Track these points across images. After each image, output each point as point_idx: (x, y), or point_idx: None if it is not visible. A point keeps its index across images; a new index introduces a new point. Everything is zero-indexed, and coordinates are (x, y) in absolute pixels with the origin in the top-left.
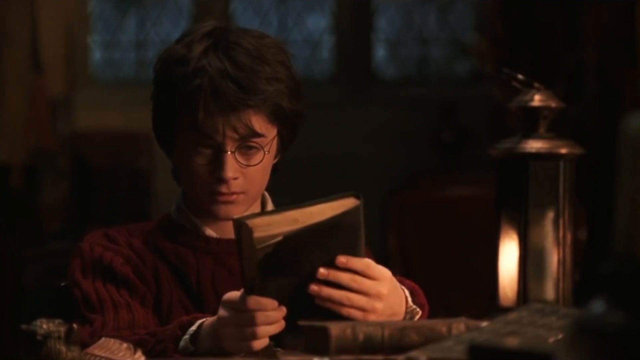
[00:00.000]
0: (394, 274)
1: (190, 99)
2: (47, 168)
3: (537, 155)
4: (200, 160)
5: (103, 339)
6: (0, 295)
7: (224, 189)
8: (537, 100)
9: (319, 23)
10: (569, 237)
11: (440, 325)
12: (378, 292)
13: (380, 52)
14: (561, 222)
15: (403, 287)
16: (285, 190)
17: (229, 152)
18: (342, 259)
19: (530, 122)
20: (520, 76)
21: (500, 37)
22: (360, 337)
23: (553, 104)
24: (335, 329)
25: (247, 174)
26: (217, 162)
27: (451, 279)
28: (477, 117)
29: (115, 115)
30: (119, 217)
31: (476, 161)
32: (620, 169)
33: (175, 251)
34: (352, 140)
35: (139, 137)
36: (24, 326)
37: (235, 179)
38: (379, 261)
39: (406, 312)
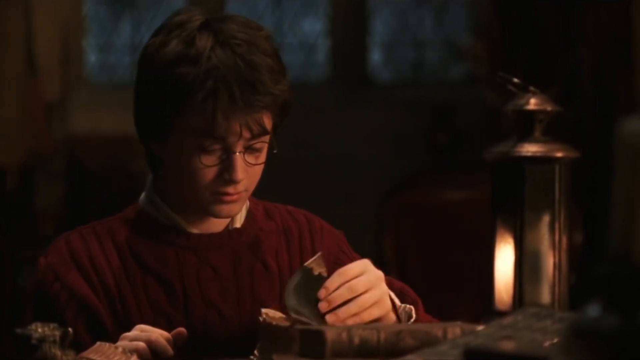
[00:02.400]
0: (388, 274)
1: (204, 103)
2: (42, 170)
3: (533, 159)
4: (208, 162)
5: (98, 343)
6: (0, 295)
7: (231, 189)
8: (532, 103)
9: (314, 26)
10: (564, 240)
11: (435, 329)
12: (372, 282)
13: (375, 55)
14: (557, 225)
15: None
16: (281, 192)
17: (238, 153)
18: (322, 294)
19: (525, 125)
20: (515, 80)
21: (496, 39)
22: (356, 340)
23: (549, 108)
24: (330, 333)
25: (250, 172)
26: (226, 164)
27: (446, 281)
28: (472, 120)
29: (110, 118)
30: None
31: (471, 164)
32: (616, 172)
33: (152, 252)
34: (347, 143)
35: (134, 140)
36: (18, 330)
37: (242, 179)
38: (374, 263)
39: (398, 312)
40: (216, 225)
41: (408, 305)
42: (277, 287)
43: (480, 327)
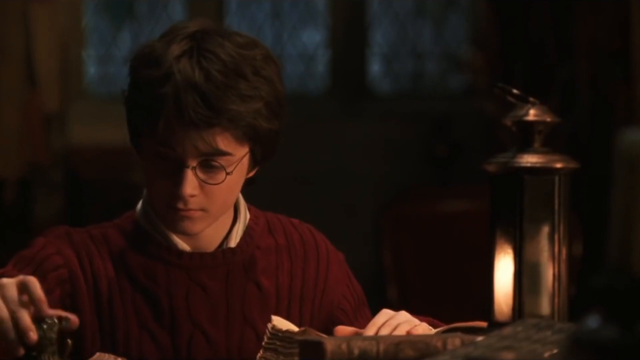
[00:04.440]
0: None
1: (153, 107)
2: (40, 182)
3: (532, 170)
4: (160, 171)
5: (97, 353)
6: None
7: (181, 204)
8: (532, 114)
9: (313, 37)
10: (564, 251)
11: (435, 339)
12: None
13: (375, 67)
14: (556, 236)
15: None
16: (280, 204)
17: (189, 168)
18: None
19: (525, 136)
20: (515, 91)
21: (494, 51)
22: (356, 352)
23: (548, 119)
24: (330, 344)
25: (208, 192)
26: (176, 177)
27: (446, 293)
28: (471, 132)
29: (109, 130)
30: None
31: (470, 175)
32: (614, 184)
33: (143, 266)
34: (346, 154)
35: (132, 151)
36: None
37: (194, 196)
38: (373, 275)
39: None
40: (209, 243)
41: None
42: (273, 307)
43: (480, 338)
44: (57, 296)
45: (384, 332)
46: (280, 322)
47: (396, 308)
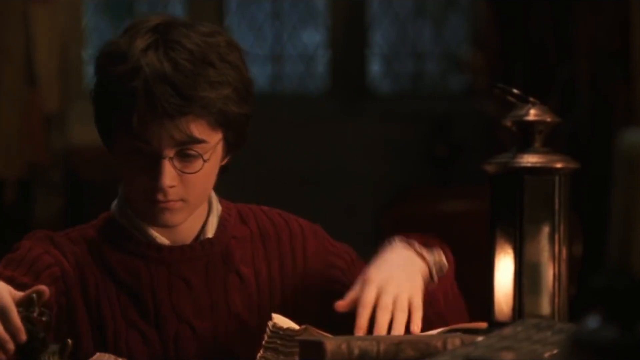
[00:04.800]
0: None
1: (124, 102)
2: (40, 182)
3: (533, 170)
4: (137, 166)
5: (97, 354)
6: None
7: (160, 196)
8: (532, 114)
9: (313, 38)
10: (564, 251)
11: (435, 340)
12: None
13: (375, 67)
14: (557, 237)
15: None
16: (279, 204)
17: (167, 159)
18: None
19: (525, 136)
20: (515, 91)
21: (494, 51)
22: (356, 351)
23: (548, 119)
24: (330, 343)
25: (186, 181)
26: (154, 169)
27: None
28: (470, 132)
29: None
30: None
31: (470, 176)
32: (614, 184)
33: (124, 264)
34: (346, 154)
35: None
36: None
37: (173, 186)
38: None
39: (432, 274)
40: (187, 235)
41: (437, 259)
42: (255, 296)
43: (480, 338)
44: (53, 294)
45: (381, 316)
46: (280, 320)
47: None
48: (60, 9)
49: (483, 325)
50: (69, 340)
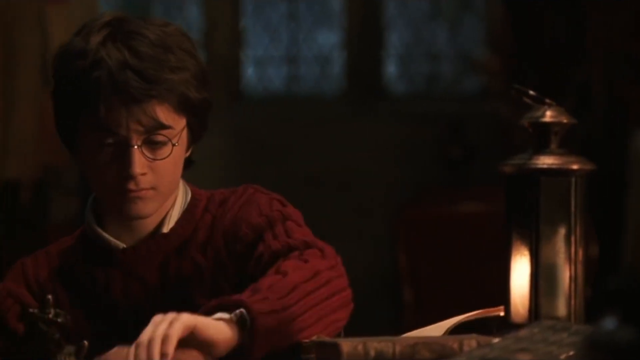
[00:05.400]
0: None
1: (89, 94)
2: (56, 184)
3: (549, 171)
4: (106, 158)
5: (116, 347)
6: None
7: (132, 185)
8: (548, 116)
9: (329, 39)
10: (580, 253)
11: (451, 341)
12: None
13: (390, 68)
14: (573, 238)
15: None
16: (293, 204)
17: (135, 147)
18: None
19: (541, 138)
20: (531, 92)
21: (509, 53)
22: (372, 353)
23: (564, 120)
24: (346, 345)
25: (155, 169)
26: (123, 158)
27: (461, 294)
28: (486, 133)
29: None
30: None
31: (484, 177)
32: (630, 185)
33: (86, 272)
34: (361, 156)
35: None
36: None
37: (144, 174)
38: (388, 277)
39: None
40: (149, 231)
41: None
42: (208, 281)
43: (496, 340)
44: (22, 329)
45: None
46: None
47: (412, 310)
48: (76, 10)
49: (496, 310)
50: (85, 342)
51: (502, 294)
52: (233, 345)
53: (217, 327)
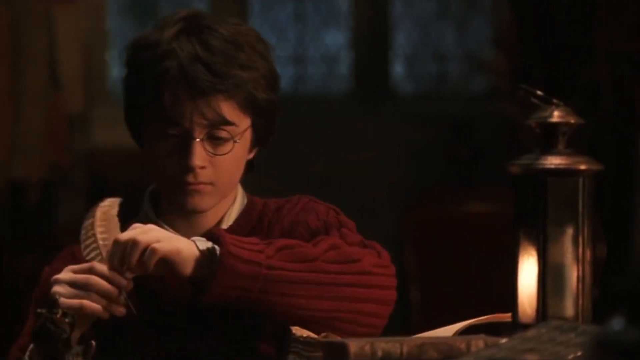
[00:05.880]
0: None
1: (157, 83)
2: (63, 184)
3: (556, 172)
4: (167, 149)
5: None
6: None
7: (190, 178)
8: (556, 116)
9: (336, 39)
10: (588, 253)
11: (459, 341)
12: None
13: (397, 68)
14: (580, 238)
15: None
16: None
17: (197, 140)
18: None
19: (548, 138)
20: (539, 92)
21: (516, 53)
22: (379, 353)
23: (572, 120)
24: (353, 345)
25: (215, 164)
26: (185, 150)
27: (468, 294)
28: (492, 134)
29: None
30: None
31: (491, 177)
32: (637, 185)
33: None
34: (368, 156)
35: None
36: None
37: (203, 167)
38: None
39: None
40: (201, 229)
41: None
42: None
43: (503, 340)
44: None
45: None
46: (299, 331)
47: (419, 310)
48: (83, 10)
49: (507, 316)
50: (93, 342)
51: (509, 294)
52: (194, 267)
53: (188, 244)
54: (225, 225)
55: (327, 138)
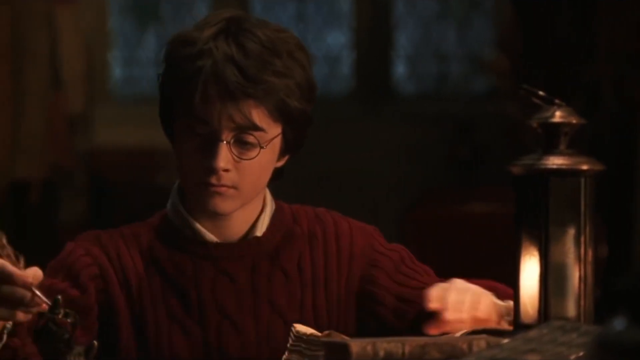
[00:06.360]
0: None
1: (189, 80)
2: (65, 184)
3: (558, 172)
4: (193, 147)
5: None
6: None
7: (213, 179)
8: (558, 116)
9: (338, 39)
10: (590, 253)
11: (461, 342)
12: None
13: (399, 68)
14: (582, 239)
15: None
16: (301, 204)
17: (224, 142)
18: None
19: (550, 138)
20: (540, 92)
21: (518, 53)
22: (381, 353)
23: (574, 120)
24: (355, 345)
25: (240, 168)
26: (210, 151)
27: None
28: (494, 134)
29: (134, 132)
30: None
31: (493, 177)
32: (639, 186)
33: (171, 260)
34: (369, 156)
35: (157, 153)
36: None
37: (227, 170)
38: None
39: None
40: (236, 233)
41: (508, 302)
42: (298, 296)
43: (505, 341)
44: (93, 292)
45: (450, 315)
46: (302, 328)
47: None
48: (84, 10)
49: (508, 327)
50: (95, 342)
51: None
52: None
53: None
54: (259, 232)
55: (328, 138)
